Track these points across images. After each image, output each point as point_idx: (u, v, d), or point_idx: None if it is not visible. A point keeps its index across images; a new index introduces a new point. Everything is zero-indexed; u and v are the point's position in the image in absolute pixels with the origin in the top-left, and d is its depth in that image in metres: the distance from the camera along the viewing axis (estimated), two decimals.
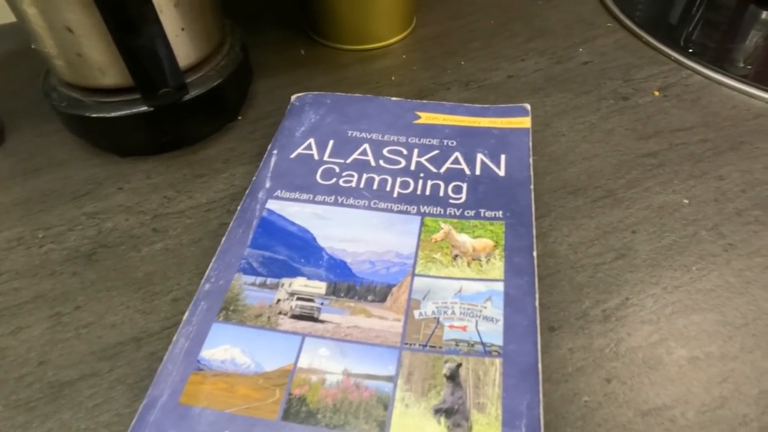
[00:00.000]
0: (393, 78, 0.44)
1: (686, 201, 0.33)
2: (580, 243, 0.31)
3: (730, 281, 0.29)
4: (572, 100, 0.41)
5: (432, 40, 0.48)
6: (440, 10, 0.52)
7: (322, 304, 0.27)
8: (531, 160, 0.33)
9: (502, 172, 0.33)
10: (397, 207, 0.31)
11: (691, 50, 0.44)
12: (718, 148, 0.36)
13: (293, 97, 0.39)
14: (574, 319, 0.27)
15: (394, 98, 0.39)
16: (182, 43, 0.34)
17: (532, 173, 0.33)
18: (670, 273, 0.29)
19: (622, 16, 0.49)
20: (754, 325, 0.27)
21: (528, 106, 0.37)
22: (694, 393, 0.24)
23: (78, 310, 0.29)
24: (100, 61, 0.32)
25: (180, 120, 0.36)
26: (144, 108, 0.34)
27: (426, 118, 0.37)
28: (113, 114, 0.34)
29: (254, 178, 0.33)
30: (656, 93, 0.41)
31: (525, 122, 0.36)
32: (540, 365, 0.24)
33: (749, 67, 0.43)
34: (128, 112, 0.34)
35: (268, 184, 0.32)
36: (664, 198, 0.33)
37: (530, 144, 0.34)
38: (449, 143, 0.35)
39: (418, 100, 0.39)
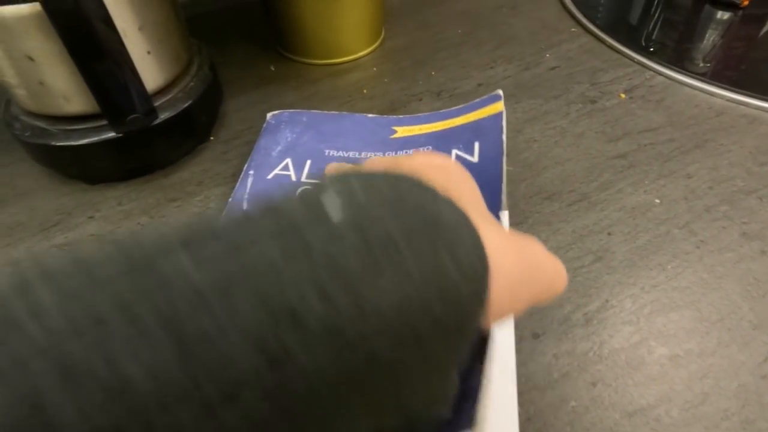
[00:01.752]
0: (365, 91, 0.44)
1: (657, 201, 0.34)
2: (558, 248, 0.31)
3: (703, 277, 0.29)
4: (542, 105, 0.41)
5: (401, 51, 0.49)
6: (408, 21, 0.52)
7: None
8: (504, 138, 0.33)
9: (475, 159, 0.33)
10: None
11: (652, 50, 0.46)
12: (684, 146, 0.37)
13: (269, 116, 0.39)
14: (557, 324, 0.28)
15: (370, 114, 0.39)
16: (149, 67, 0.33)
17: (504, 150, 0.32)
18: (647, 273, 0.30)
19: (584, 21, 0.50)
20: (728, 319, 0.27)
21: (500, 92, 0.36)
22: (676, 391, 0.25)
23: None
24: (64, 88, 0.31)
25: (150, 144, 0.35)
26: (112, 134, 0.33)
27: (402, 131, 0.37)
28: (80, 142, 0.33)
29: (230, 200, 0.33)
30: (622, 95, 0.42)
31: (498, 107, 0.36)
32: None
33: (708, 64, 0.45)
34: (96, 139, 0.33)
35: (245, 206, 0.32)
36: (636, 198, 0.34)
37: (503, 124, 0.34)
38: (425, 150, 0.35)
39: (394, 116, 0.39)
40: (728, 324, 0.27)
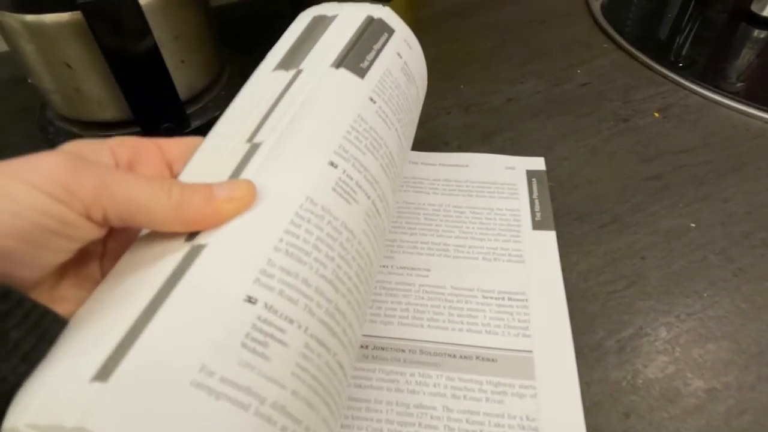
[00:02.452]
0: None
1: (693, 225, 0.33)
2: (590, 271, 0.31)
3: (741, 307, 0.28)
4: (573, 122, 0.41)
5: (429, 64, 0.48)
6: (436, 33, 0.52)
7: None
8: None
9: None
10: None
11: (681, 65, 0.45)
12: (720, 169, 0.36)
13: None
14: (588, 350, 0.27)
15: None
16: (183, 76, 0.33)
17: None
18: (682, 300, 0.29)
19: (617, 36, 0.49)
20: None
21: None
22: (714, 426, 0.24)
23: None
24: (99, 95, 0.31)
25: None
26: None
27: None
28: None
29: None
30: (656, 114, 0.41)
31: None
32: None
33: (743, 84, 0.44)
34: None
35: None
36: (670, 222, 0.33)
37: None
38: None
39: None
40: None
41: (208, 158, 0.20)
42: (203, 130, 0.35)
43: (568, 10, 0.54)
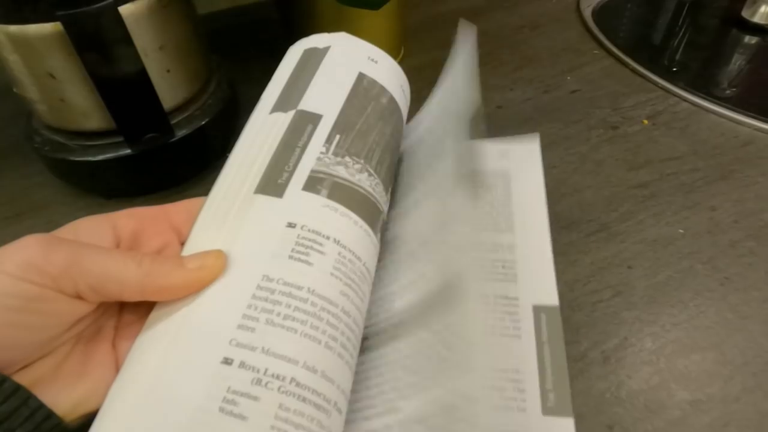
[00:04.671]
0: None
1: (681, 231, 0.33)
2: (576, 280, 0.30)
3: (727, 317, 0.28)
4: (562, 130, 0.41)
5: (420, 70, 0.48)
6: (427, 39, 0.52)
7: None
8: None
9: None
10: None
11: (675, 70, 0.45)
12: (708, 177, 0.36)
13: None
14: (572, 361, 0.27)
15: None
16: (168, 85, 0.33)
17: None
18: (668, 310, 0.29)
19: (607, 43, 0.49)
20: (754, 363, 0.26)
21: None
22: None
23: None
24: (83, 105, 0.31)
25: (166, 161, 0.35)
26: (129, 151, 0.33)
27: None
28: (98, 157, 0.33)
29: None
30: (645, 122, 0.41)
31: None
32: None
33: (734, 91, 0.44)
34: (113, 155, 0.33)
35: None
36: (657, 231, 0.33)
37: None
38: None
39: None
40: (753, 368, 0.26)
41: (215, 217, 0.21)
42: (190, 140, 0.35)
43: (560, 17, 0.54)
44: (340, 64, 0.26)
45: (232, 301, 0.18)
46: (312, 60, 0.25)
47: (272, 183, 0.21)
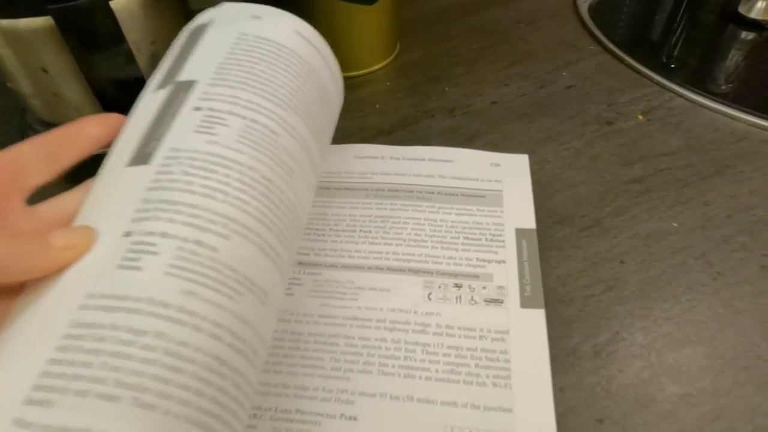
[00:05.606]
0: (377, 106, 0.43)
1: (675, 224, 0.33)
2: (568, 275, 0.30)
3: (719, 312, 0.28)
4: (556, 125, 0.40)
5: (416, 65, 0.48)
6: (424, 34, 0.52)
7: None
8: None
9: None
10: None
11: (673, 66, 0.45)
12: (702, 172, 0.36)
13: None
14: (563, 356, 0.27)
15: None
16: None
17: None
18: (660, 304, 0.29)
19: (603, 39, 0.49)
20: (744, 357, 0.26)
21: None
22: None
23: None
24: (76, 100, 0.31)
25: None
26: None
27: None
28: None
29: None
30: (640, 117, 0.41)
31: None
32: None
33: (730, 86, 0.44)
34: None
35: None
36: (651, 225, 0.33)
37: None
38: None
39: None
40: (744, 362, 0.26)
41: (93, 193, 0.20)
42: None
43: (556, 12, 0.54)
44: (220, 31, 0.25)
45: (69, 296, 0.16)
46: (195, 35, 0.25)
47: (141, 154, 0.20)
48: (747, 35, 0.50)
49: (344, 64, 0.46)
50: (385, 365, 0.25)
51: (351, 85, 0.46)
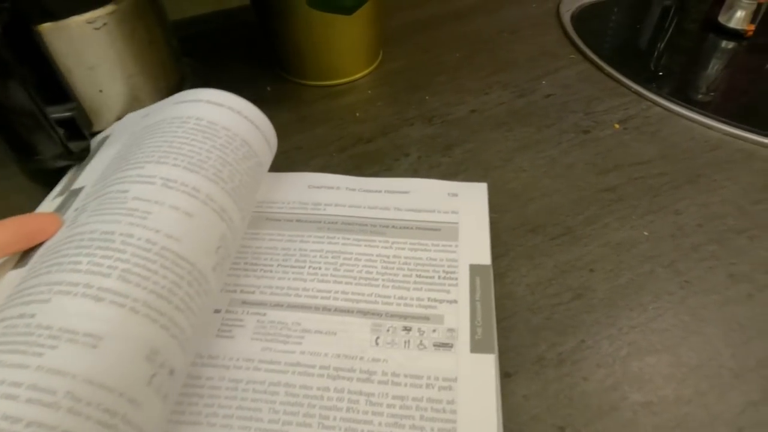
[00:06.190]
0: (357, 114, 0.44)
1: (646, 233, 0.33)
2: (538, 283, 0.31)
3: (684, 320, 0.29)
4: (534, 134, 0.41)
5: (398, 74, 0.49)
6: (408, 43, 0.52)
7: None
8: None
9: None
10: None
11: (653, 78, 0.45)
12: (675, 181, 0.36)
13: None
14: (530, 363, 0.27)
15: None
16: (103, 102, 0.34)
17: None
18: (627, 313, 0.29)
19: (584, 48, 0.50)
20: (707, 366, 0.27)
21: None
22: None
23: None
24: None
25: None
26: None
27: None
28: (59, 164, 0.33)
29: None
30: (617, 126, 0.41)
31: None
32: None
33: (709, 96, 0.44)
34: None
35: None
36: (622, 234, 0.33)
37: None
38: None
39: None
40: (707, 371, 0.26)
41: None
42: None
43: (539, 21, 0.55)
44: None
45: None
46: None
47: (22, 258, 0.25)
48: (727, 44, 0.50)
49: (327, 72, 0.47)
50: (326, 417, 0.24)
51: (333, 93, 0.47)
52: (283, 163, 0.39)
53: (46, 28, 0.30)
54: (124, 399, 0.19)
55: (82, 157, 0.33)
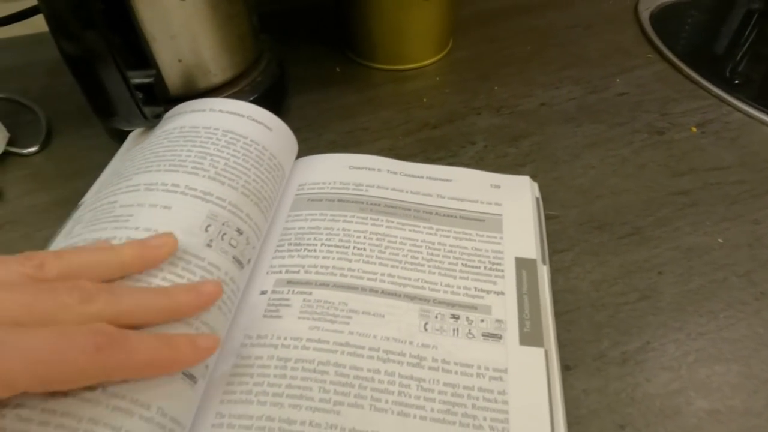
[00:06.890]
0: (425, 100, 0.44)
1: (720, 241, 0.32)
2: (603, 281, 0.30)
3: (759, 332, 0.28)
4: (605, 131, 0.40)
5: (466, 63, 0.48)
6: (476, 33, 0.52)
7: None
8: None
9: None
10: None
11: (737, 83, 0.43)
12: (755, 190, 0.35)
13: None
14: (590, 359, 0.27)
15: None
16: (179, 73, 0.35)
17: None
18: (696, 319, 0.28)
19: (662, 47, 0.48)
20: None
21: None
22: None
23: None
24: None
25: None
26: None
27: None
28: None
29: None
30: (694, 129, 0.40)
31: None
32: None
33: None
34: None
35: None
36: (694, 239, 0.32)
37: None
38: None
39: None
40: None
41: None
42: None
43: (615, 18, 0.53)
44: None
45: None
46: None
47: None
48: None
49: (396, 56, 0.47)
50: (378, 400, 0.23)
51: (401, 77, 0.47)
52: (349, 141, 0.39)
53: None
54: None
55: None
